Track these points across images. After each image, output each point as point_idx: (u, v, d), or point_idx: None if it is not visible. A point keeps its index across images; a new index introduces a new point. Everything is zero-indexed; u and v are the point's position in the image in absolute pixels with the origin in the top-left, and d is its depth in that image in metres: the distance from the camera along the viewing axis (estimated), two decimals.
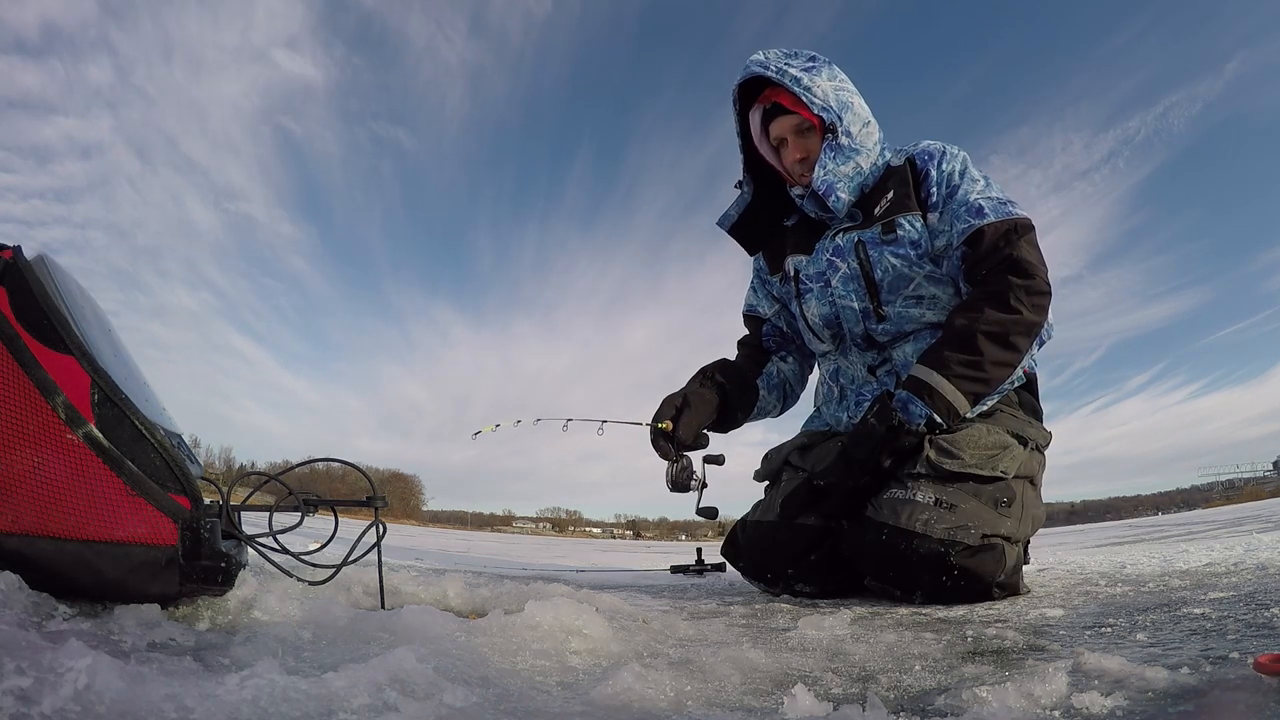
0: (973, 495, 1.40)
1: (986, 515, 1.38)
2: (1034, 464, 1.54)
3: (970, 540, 1.33)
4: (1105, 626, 0.96)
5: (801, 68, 1.56)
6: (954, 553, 1.32)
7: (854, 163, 1.59)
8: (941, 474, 1.41)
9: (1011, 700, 0.56)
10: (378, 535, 1.00)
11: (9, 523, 0.70)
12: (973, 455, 1.43)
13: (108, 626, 0.68)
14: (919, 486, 1.40)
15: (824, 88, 1.55)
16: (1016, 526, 1.41)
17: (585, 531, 58.84)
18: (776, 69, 1.55)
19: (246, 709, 0.46)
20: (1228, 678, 0.59)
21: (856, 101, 1.59)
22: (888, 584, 1.43)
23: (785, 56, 1.59)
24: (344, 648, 0.72)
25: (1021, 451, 1.49)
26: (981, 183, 1.57)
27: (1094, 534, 6.64)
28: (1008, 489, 1.43)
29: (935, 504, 1.37)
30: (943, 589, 1.33)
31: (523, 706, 0.56)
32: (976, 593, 1.34)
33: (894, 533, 1.36)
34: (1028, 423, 1.58)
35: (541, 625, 0.82)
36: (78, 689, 0.44)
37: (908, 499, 1.39)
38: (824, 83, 1.55)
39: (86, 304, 0.87)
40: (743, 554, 1.71)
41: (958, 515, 1.35)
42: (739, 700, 0.62)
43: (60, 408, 0.73)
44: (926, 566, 1.33)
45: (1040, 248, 1.51)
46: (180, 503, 0.78)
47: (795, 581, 1.60)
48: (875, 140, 1.62)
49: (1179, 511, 25.57)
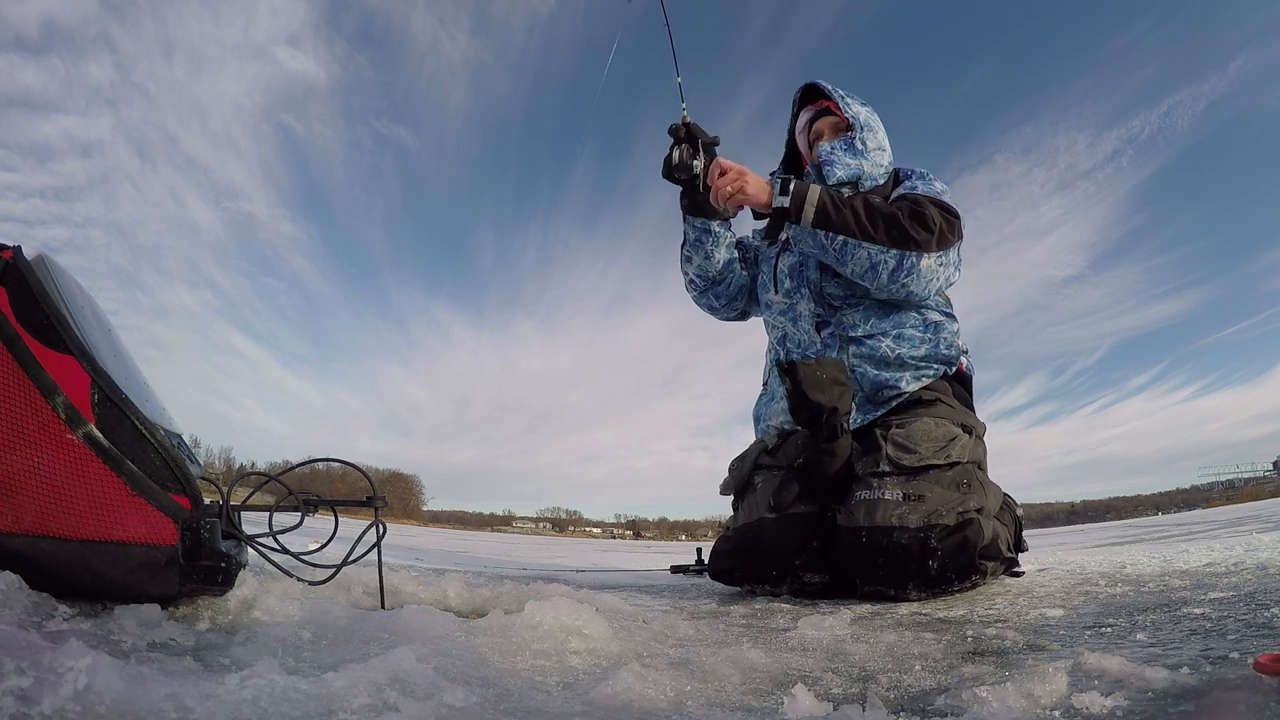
0: (935, 483, 1.48)
1: (953, 497, 1.46)
2: (979, 451, 1.67)
3: (948, 520, 1.40)
4: (1105, 626, 0.96)
5: (848, 94, 1.88)
6: (934, 535, 1.38)
7: (858, 162, 1.79)
8: (903, 469, 1.51)
9: (1011, 700, 0.56)
10: (378, 535, 1.00)
11: (9, 523, 0.70)
12: (928, 448, 1.53)
13: (108, 626, 0.68)
14: (885, 485, 1.48)
15: (858, 108, 1.85)
16: (984, 499, 1.50)
17: (585, 531, 58.83)
18: (828, 84, 1.90)
19: (246, 709, 0.46)
20: (1228, 678, 0.59)
21: (880, 130, 1.86)
22: (878, 583, 1.45)
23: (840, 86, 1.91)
24: (344, 648, 0.72)
25: (968, 440, 1.61)
26: (938, 185, 1.75)
27: (1094, 534, 6.64)
28: (965, 472, 1.53)
29: (904, 499, 1.45)
30: (930, 572, 1.37)
31: (523, 706, 0.56)
32: (963, 567, 1.39)
33: (872, 532, 1.42)
34: (964, 413, 1.71)
35: (541, 625, 0.82)
36: (78, 689, 0.44)
37: (877, 498, 1.46)
38: (859, 106, 1.86)
39: (86, 304, 0.87)
40: (739, 559, 1.68)
41: (928, 504, 1.43)
42: (739, 700, 0.62)
43: (60, 408, 0.73)
44: (911, 555, 1.38)
45: (953, 224, 1.64)
46: (180, 503, 0.78)
47: (804, 571, 1.57)
48: (884, 163, 1.84)
49: (1179, 511, 25.57)
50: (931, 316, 1.76)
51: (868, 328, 1.72)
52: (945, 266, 1.64)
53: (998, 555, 1.46)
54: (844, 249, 1.61)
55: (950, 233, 1.63)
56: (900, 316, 1.74)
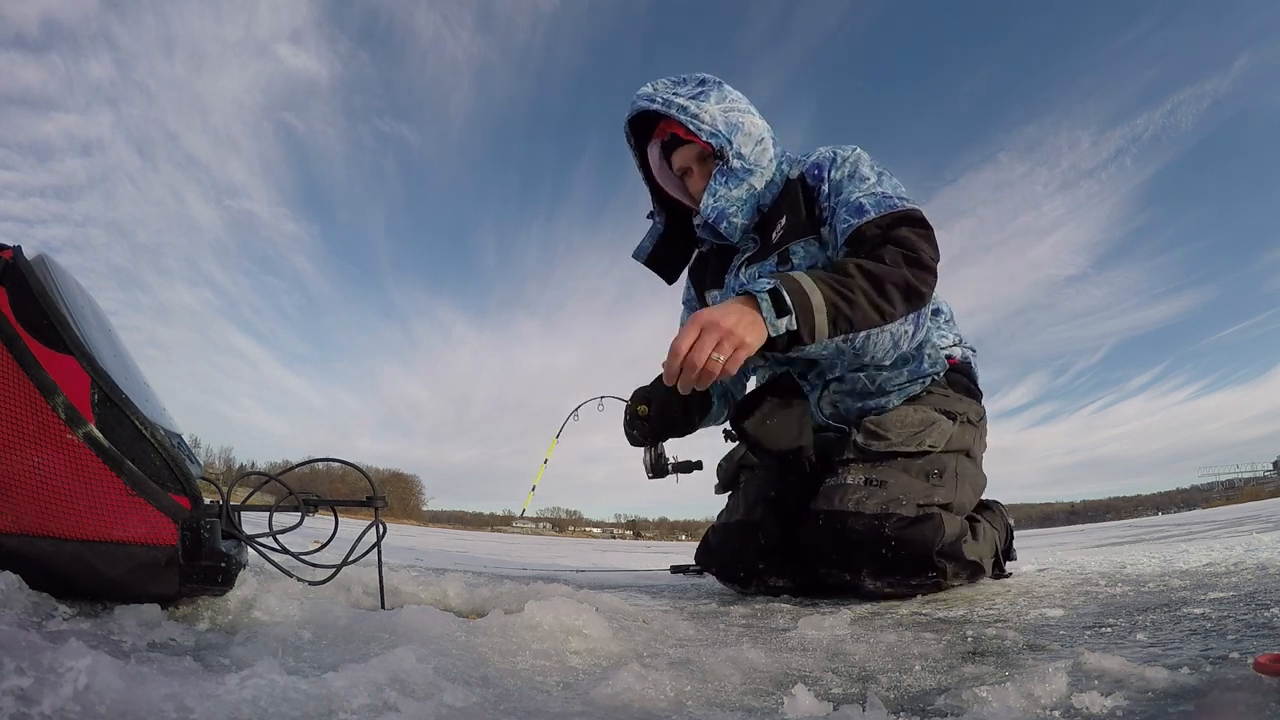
0: (901, 470, 1.44)
1: (917, 486, 1.43)
2: (967, 437, 1.58)
3: (905, 511, 1.37)
4: (1105, 626, 0.96)
5: (689, 95, 1.50)
6: (888, 525, 1.35)
7: (747, 184, 1.53)
8: (869, 455, 1.47)
9: (1011, 700, 0.56)
10: (378, 535, 1.00)
11: (9, 523, 0.70)
12: (898, 434, 1.48)
13: (108, 626, 0.68)
14: (849, 470, 1.46)
15: (712, 112, 1.48)
16: (953, 495, 1.45)
17: (585, 531, 58.83)
18: (663, 100, 1.50)
19: (246, 709, 0.46)
20: (1228, 678, 0.59)
21: (749, 120, 1.52)
22: (832, 567, 1.44)
23: (673, 85, 1.53)
24: (344, 648, 0.72)
25: (950, 426, 1.53)
26: (871, 179, 1.46)
27: (1094, 534, 6.64)
28: (937, 461, 1.48)
29: (866, 483, 1.42)
30: (884, 561, 1.35)
31: (523, 706, 0.56)
32: (917, 561, 1.36)
33: (829, 516, 1.40)
34: (957, 399, 1.61)
35: (541, 625, 0.82)
36: (78, 689, 0.44)
37: (839, 483, 1.45)
38: (712, 107, 1.49)
39: (86, 304, 0.87)
40: (714, 557, 1.74)
41: (889, 490, 1.40)
42: (739, 700, 0.62)
43: (60, 408, 0.73)
44: (864, 542, 1.36)
45: (934, 241, 1.39)
46: (180, 503, 0.78)
47: (768, 576, 1.61)
48: (770, 157, 1.55)
49: (1179, 511, 25.57)
50: None
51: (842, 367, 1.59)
52: None
53: (958, 557, 1.40)
54: (865, 343, 1.29)
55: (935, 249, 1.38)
56: None
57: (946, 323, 1.78)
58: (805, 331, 1.20)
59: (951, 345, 1.72)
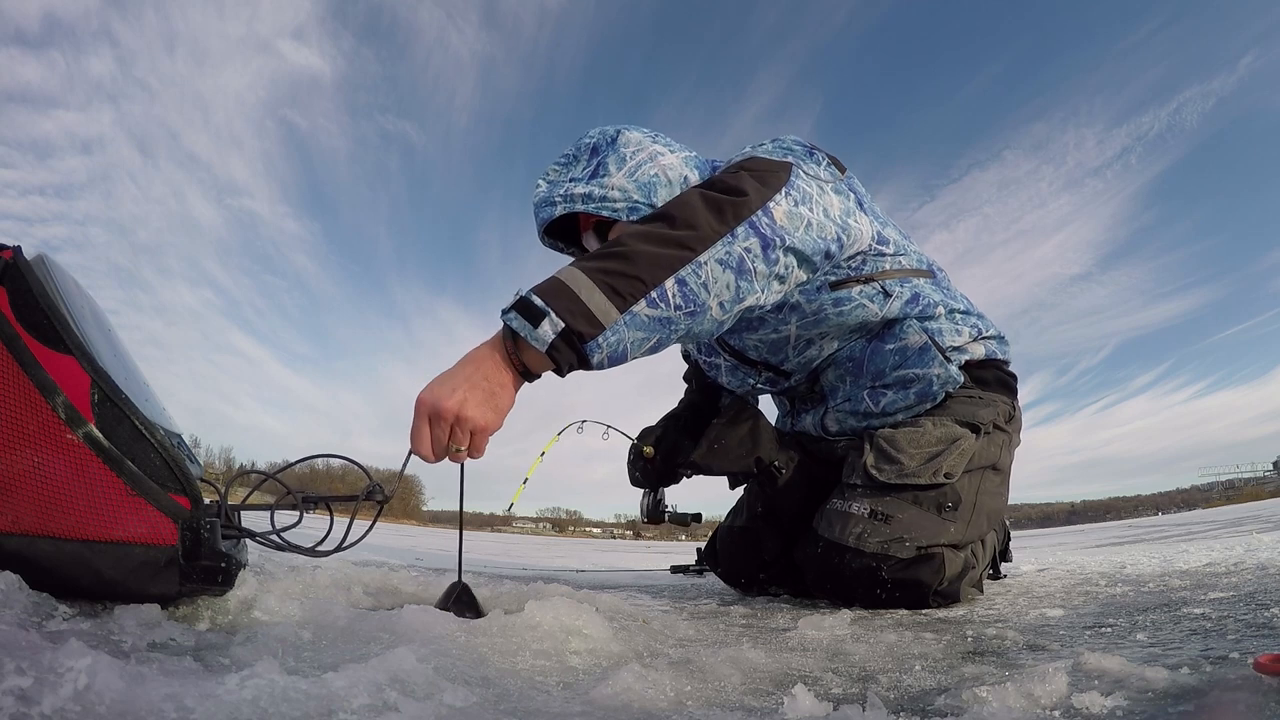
0: (912, 503, 1.34)
1: (927, 524, 1.32)
2: (993, 449, 1.43)
3: (903, 554, 1.29)
4: (1105, 626, 0.96)
5: (587, 178, 1.31)
6: (885, 568, 1.28)
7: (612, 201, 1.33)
8: (877, 485, 1.35)
9: (1011, 700, 0.56)
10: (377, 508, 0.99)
11: (9, 523, 0.70)
12: (913, 459, 1.36)
13: (108, 626, 0.68)
14: (855, 497, 1.37)
15: (619, 185, 1.29)
16: (963, 531, 1.34)
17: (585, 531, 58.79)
18: (563, 196, 1.31)
19: (246, 709, 0.46)
20: (1228, 678, 0.59)
21: (659, 166, 1.32)
22: (827, 595, 1.42)
23: (564, 170, 1.36)
24: (344, 648, 0.72)
25: (972, 442, 1.39)
26: None
27: (1094, 534, 6.64)
28: (952, 493, 1.35)
29: (870, 516, 1.33)
30: (878, 601, 1.31)
31: (523, 706, 0.56)
32: (912, 601, 1.30)
33: (829, 546, 1.35)
34: (985, 403, 1.46)
35: (541, 625, 0.82)
36: (78, 689, 0.44)
37: (844, 511, 1.36)
38: (616, 179, 1.29)
39: (86, 304, 0.87)
40: (719, 559, 1.76)
41: (894, 527, 1.31)
42: (739, 700, 0.62)
43: (60, 408, 0.73)
44: (860, 581, 1.31)
45: (750, 191, 1.12)
46: (180, 503, 0.78)
47: (769, 584, 1.63)
48: (698, 182, 1.35)
49: (1179, 511, 25.57)
50: (914, 341, 1.44)
51: (846, 390, 1.53)
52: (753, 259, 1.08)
53: (954, 596, 1.34)
54: (699, 292, 1.04)
55: (731, 205, 1.08)
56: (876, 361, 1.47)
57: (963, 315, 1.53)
58: (581, 321, 0.95)
59: (968, 340, 1.51)
